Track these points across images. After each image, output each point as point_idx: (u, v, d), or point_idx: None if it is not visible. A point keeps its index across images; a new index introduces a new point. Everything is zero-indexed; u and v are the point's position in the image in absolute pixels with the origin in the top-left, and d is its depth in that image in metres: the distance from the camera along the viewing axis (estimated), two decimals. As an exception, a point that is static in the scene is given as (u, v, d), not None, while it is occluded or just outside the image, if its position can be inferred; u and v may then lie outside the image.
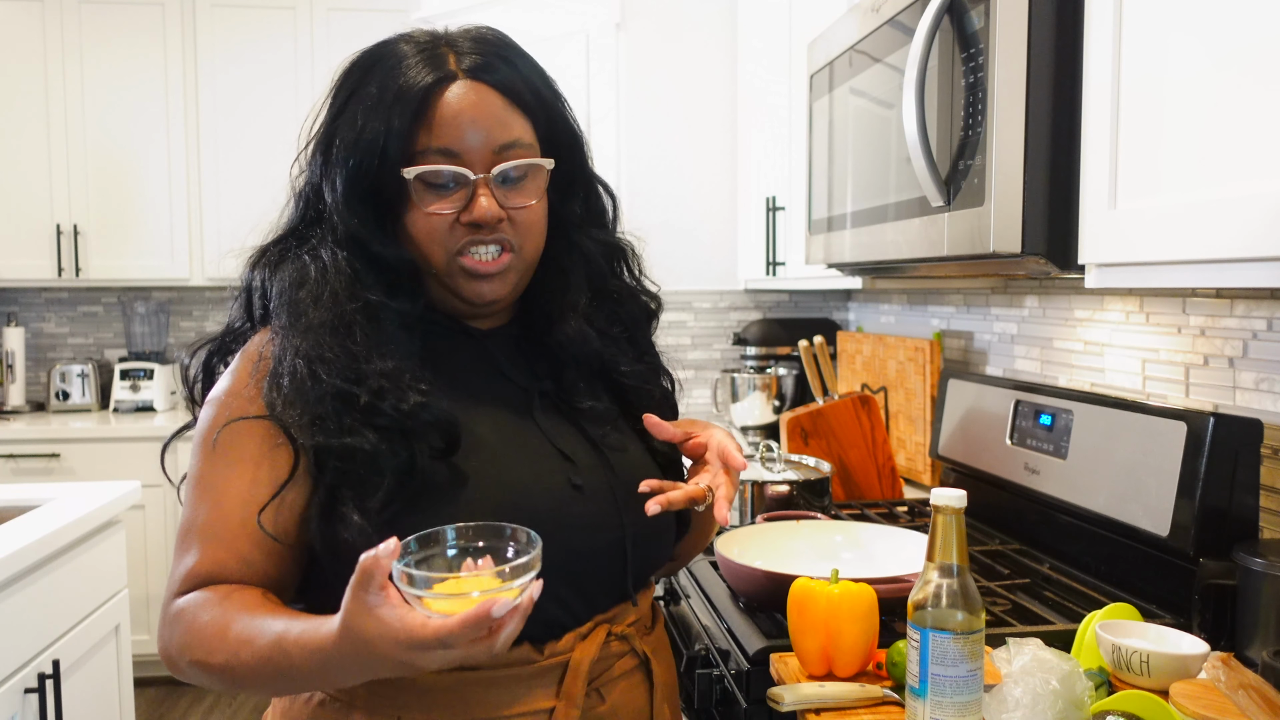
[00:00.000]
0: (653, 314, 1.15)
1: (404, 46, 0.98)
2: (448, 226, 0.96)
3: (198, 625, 0.86)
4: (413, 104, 0.94)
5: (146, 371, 3.72)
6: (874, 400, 2.24)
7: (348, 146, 0.96)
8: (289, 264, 0.97)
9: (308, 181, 1.01)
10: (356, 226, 0.96)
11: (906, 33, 1.46)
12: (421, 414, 0.90)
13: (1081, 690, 0.96)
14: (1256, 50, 0.90)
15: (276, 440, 0.90)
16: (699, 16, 3.33)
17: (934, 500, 0.95)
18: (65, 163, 3.58)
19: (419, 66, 0.95)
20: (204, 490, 0.92)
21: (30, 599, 1.79)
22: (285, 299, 0.94)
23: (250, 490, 0.90)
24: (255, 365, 0.94)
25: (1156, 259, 1.04)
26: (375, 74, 0.96)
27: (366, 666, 0.77)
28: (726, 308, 3.41)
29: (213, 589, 0.89)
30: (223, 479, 0.91)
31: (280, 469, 0.90)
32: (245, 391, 0.93)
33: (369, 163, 0.95)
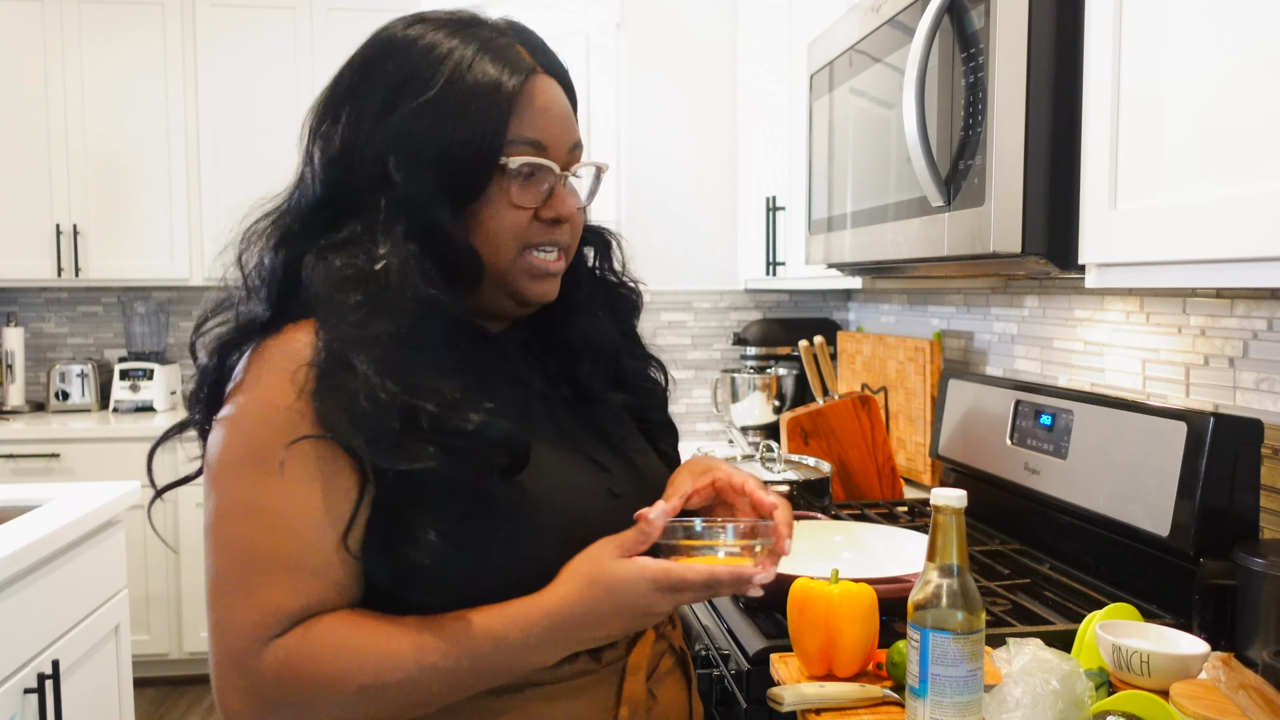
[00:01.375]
0: (638, 306, 1.13)
1: (485, 31, 0.92)
2: (526, 221, 0.92)
3: (347, 650, 0.80)
4: (509, 92, 0.89)
5: (146, 371, 3.72)
6: (874, 400, 2.24)
7: (438, 133, 0.87)
8: (338, 253, 0.85)
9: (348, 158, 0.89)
10: (436, 217, 0.88)
11: (906, 33, 1.46)
12: (488, 432, 0.83)
13: (1081, 690, 0.96)
14: (1256, 50, 0.90)
15: (339, 459, 0.82)
16: (699, 16, 3.33)
17: (934, 500, 0.95)
18: (65, 163, 3.58)
19: (505, 54, 0.91)
20: (268, 517, 0.81)
21: (30, 599, 1.79)
22: (341, 298, 0.83)
23: (329, 514, 0.82)
24: (294, 373, 0.82)
25: (1156, 259, 1.04)
26: (450, 57, 0.89)
27: (601, 619, 0.83)
28: (726, 308, 3.41)
29: (327, 616, 0.82)
30: (291, 503, 0.81)
31: (350, 489, 0.83)
32: (290, 403, 0.82)
33: (462, 150, 0.88)
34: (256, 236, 0.91)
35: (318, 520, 0.82)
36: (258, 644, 0.80)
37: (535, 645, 0.83)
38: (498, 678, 0.85)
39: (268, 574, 0.81)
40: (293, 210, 0.91)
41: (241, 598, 0.80)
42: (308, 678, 0.79)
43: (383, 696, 0.80)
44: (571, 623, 0.83)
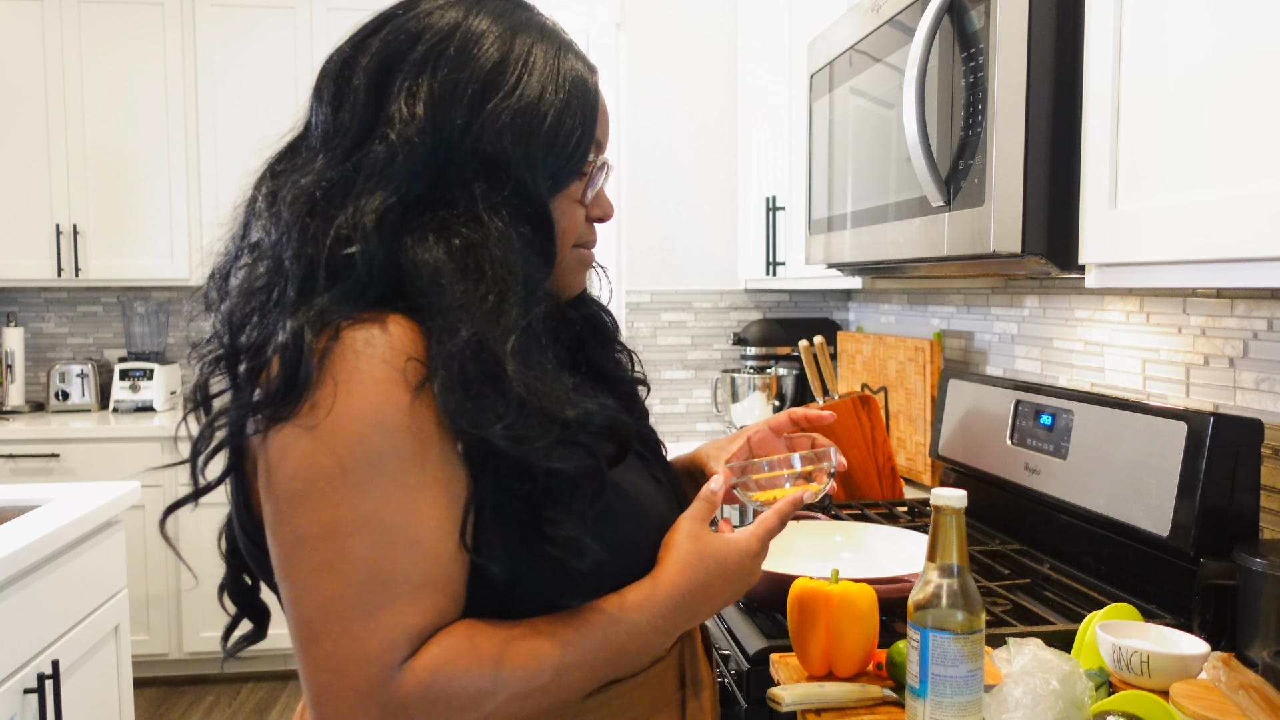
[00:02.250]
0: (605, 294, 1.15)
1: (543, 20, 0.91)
2: (581, 217, 0.93)
3: (492, 660, 0.75)
4: (595, 90, 0.91)
5: (146, 371, 3.72)
6: (874, 400, 2.24)
7: (553, 123, 0.85)
8: (451, 238, 0.79)
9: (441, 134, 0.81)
10: (544, 205, 0.85)
11: (906, 33, 1.46)
12: (597, 420, 0.80)
13: (1082, 690, 0.96)
14: (1257, 50, 0.90)
15: (454, 461, 0.76)
16: (699, 16, 3.33)
17: (934, 500, 0.95)
18: (65, 163, 3.58)
19: (575, 50, 0.91)
20: (388, 532, 0.73)
21: (30, 599, 1.78)
22: (467, 286, 0.76)
23: (451, 520, 0.76)
24: (404, 369, 0.74)
25: (1157, 259, 1.04)
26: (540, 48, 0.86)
27: (714, 592, 0.87)
28: (726, 308, 3.41)
29: (458, 627, 0.76)
30: (413, 514, 0.74)
31: (461, 486, 0.77)
32: (406, 403, 0.74)
33: (565, 144, 0.86)
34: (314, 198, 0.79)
35: (440, 529, 0.75)
36: (392, 671, 0.72)
37: (662, 626, 0.84)
38: (626, 665, 0.85)
39: (391, 594, 0.73)
40: (371, 176, 0.79)
41: (364, 624, 0.72)
42: (458, 695, 0.73)
43: (531, 701, 0.77)
44: (691, 600, 0.86)
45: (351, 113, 0.82)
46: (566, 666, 0.78)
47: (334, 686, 0.72)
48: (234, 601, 0.93)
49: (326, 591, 0.72)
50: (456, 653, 0.74)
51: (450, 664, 0.73)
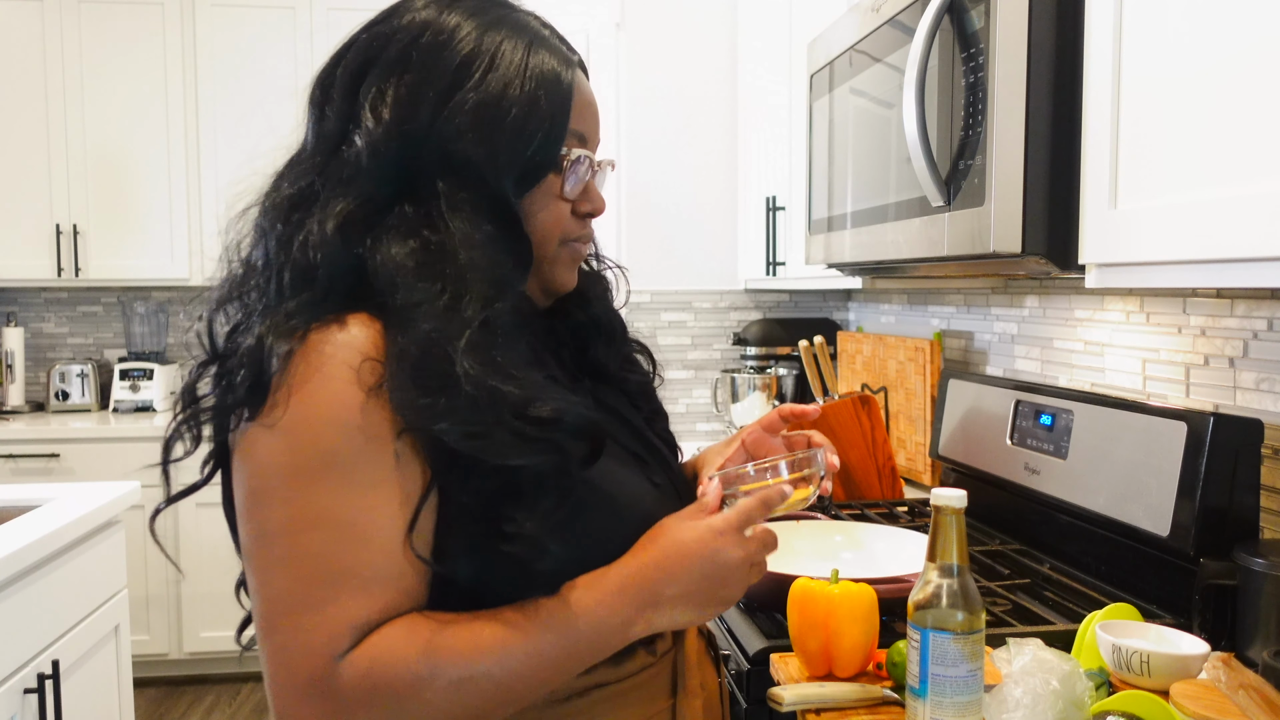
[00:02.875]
0: (612, 288, 1.12)
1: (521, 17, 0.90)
2: (568, 213, 0.92)
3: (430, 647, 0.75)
4: (567, 84, 0.88)
5: (146, 371, 3.72)
6: (874, 400, 2.24)
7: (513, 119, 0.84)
8: (410, 238, 0.80)
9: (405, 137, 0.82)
10: (508, 202, 0.85)
11: (906, 33, 1.46)
12: (567, 419, 0.80)
13: (1082, 690, 0.96)
14: (1257, 50, 0.90)
15: (412, 460, 0.77)
16: (699, 16, 3.33)
17: (934, 500, 0.95)
18: (65, 162, 3.58)
19: (553, 45, 0.90)
20: (340, 528, 0.75)
21: (30, 599, 1.78)
22: (421, 284, 0.78)
23: (399, 514, 0.77)
24: (359, 369, 0.76)
25: (1157, 259, 1.04)
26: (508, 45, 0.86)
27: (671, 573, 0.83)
28: (726, 308, 3.41)
29: (400, 619, 0.77)
30: (365, 510, 0.75)
31: (416, 485, 0.78)
32: (361, 402, 0.75)
33: (532, 139, 0.85)
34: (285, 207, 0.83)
35: (391, 525, 0.76)
36: (332, 662, 0.73)
37: (615, 607, 0.81)
38: (585, 652, 0.81)
39: (340, 588, 0.74)
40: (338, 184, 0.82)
41: (310, 617, 0.74)
42: (395, 684, 0.74)
43: (475, 687, 0.76)
44: (644, 579, 0.83)
45: (331, 121, 0.85)
46: (510, 650, 0.77)
47: (280, 676, 0.74)
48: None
49: (281, 585, 0.75)
50: (395, 641, 0.75)
51: (388, 652, 0.74)
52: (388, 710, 0.74)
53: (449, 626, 0.77)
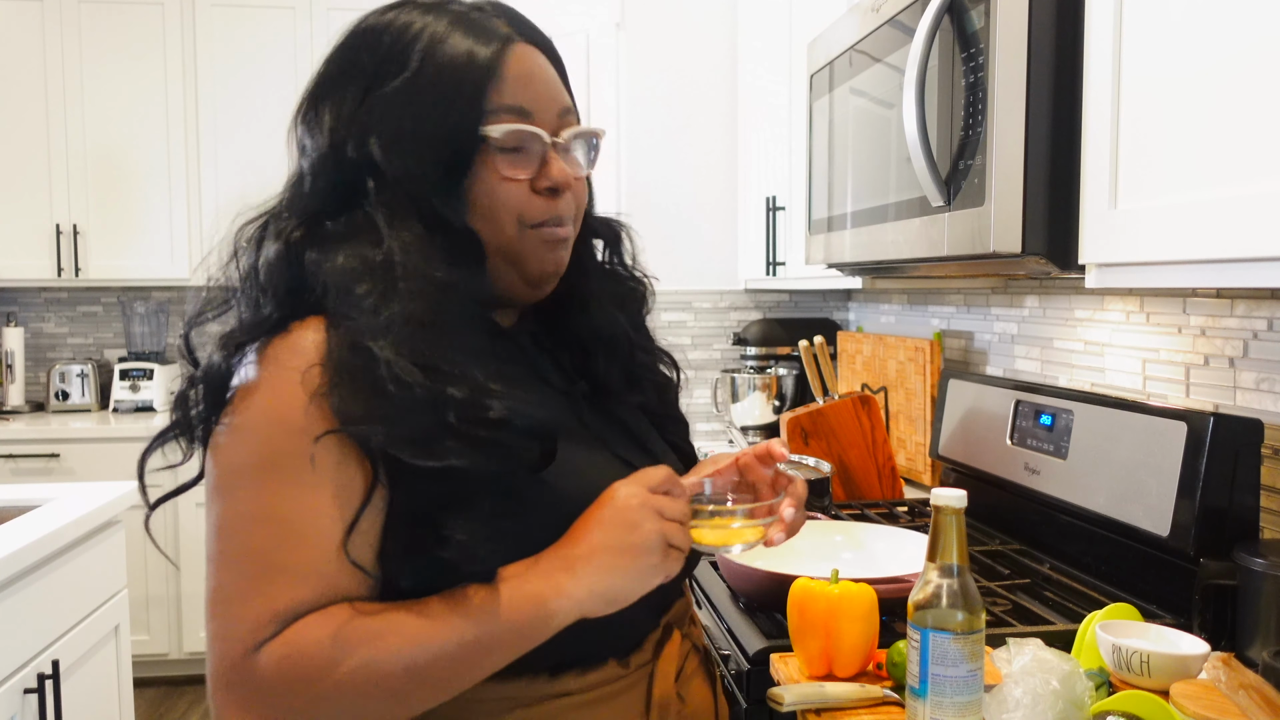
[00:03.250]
0: (646, 299, 1.10)
1: (454, 6, 0.90)
2: (524, 193, 0.89)
3: (343, 633, 0.76)
4: (484, 61, 0.87)
5: (146, 371, 3.72)
6: (874, 400, 2.24)
7: (417, 111, 0.85)
8: (341, 245, 0.82)
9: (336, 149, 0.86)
10: (431, 197, 0.85)
11: (906, 33, 1.46)
12: (516, 421, 0.79)
13: (1082, 690, 0.96)
14: (1257, 50, 0.90)
15: (353, 462, 0.78)
16: (699, 16, 3.33)
17: (934, 500, 0.95)
18: (65, 163, 3.58)
19: (479, 26, 0.89)
20: (279, 525, 0.78)
21: (30, 599, 1.78)
22: (351, 289, 0.80)
23: (339, 515, 0.78)
24: (305, 373, 0.78)
25: (1157, 259, 1.04)
26: (423, 35, 0.88)
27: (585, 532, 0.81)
28: (726, 308, 3.41)
29: (319, 611, 0.77)
30: (303, 509, 0.78)
31: (357, 491, 0.79)
32: (304, 405, 0.78)
33: (441, 126, 0.85)
34: (251, 236, 0.88)
35: (330, 525, 0.78)
36: (251, 652, 0.76)
37: (524, 577, 0.79)
38: (499, 633, 0.78)
39: (272, 582, 0.77)
40: (288, 207, 0.88)
41: (240, 607, 0.77)
42: (306, 667, 0.75)
43: (385, 668, 0.76)
44: (556, 546, 0.81)
45: (298, 152, 0.90)
46: (422, 632, 0.77)
47: (210, 664, 0.78)
48: None
49: (221, 577, 0.79)
50: (310, 627, 0.76)
51: (302, 638, 0.76)
52: (301, 694, 0.75)
53: (365, 613, 0.78)
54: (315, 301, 0.82)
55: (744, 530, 0.88)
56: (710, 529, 0.87)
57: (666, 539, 0.81)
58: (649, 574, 0.81)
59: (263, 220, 0.89)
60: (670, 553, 0.82)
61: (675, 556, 0.82)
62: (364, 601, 0.79)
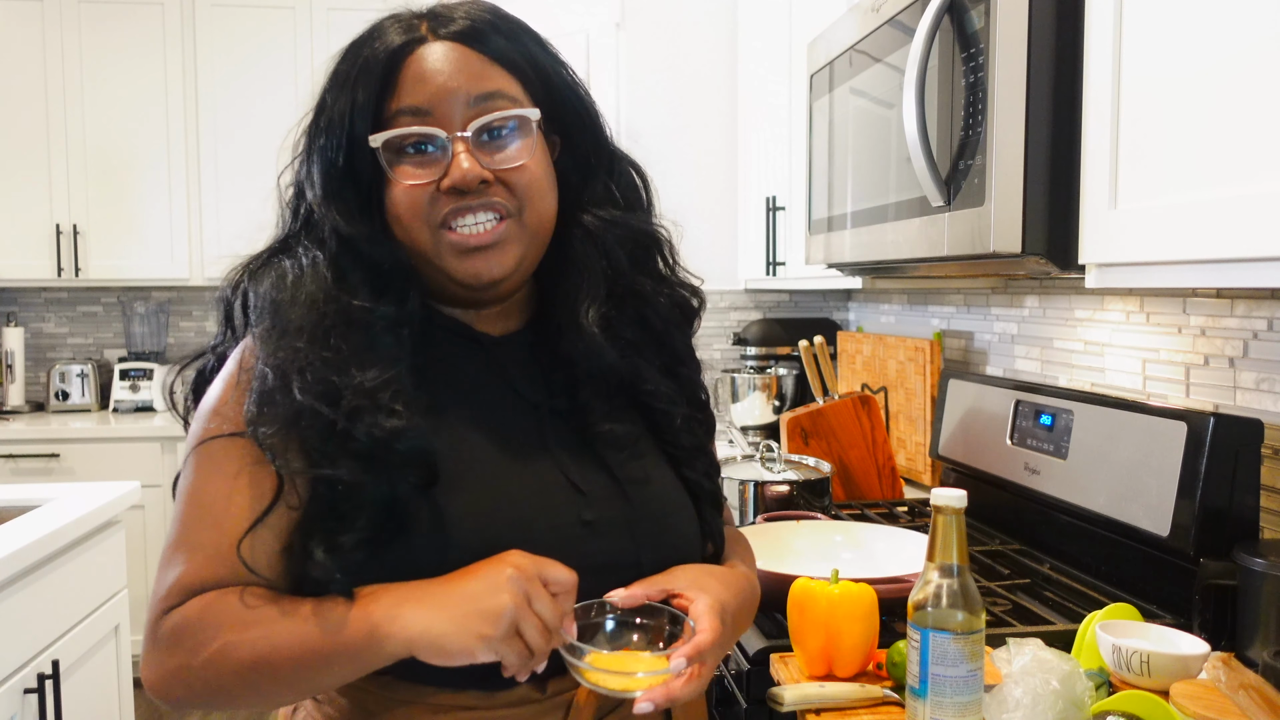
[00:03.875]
0: (692, 313, 1.05)
1: (384, 21, 0.91)
2: (428, 198, 0.86)
3: (222, 606, 0.80)
4: (378, 69, 0.86)
5: (146, 372, 3.72)
6: (874, 400, 2.24)
7: (319, 130, 0.89)
8: (270, 270, 0.89)
9: (292, 185, 0.94)
10: (335, 219, 0.87)
11: (906, 33, 1.46)
12: (396, 442, 0.80)
13: (1082, 690, 0.96)
14: (1257, 51, 0.90)
15: (258, 459, 0.83)
16: (699, 16, 3.33)
17: (934, 500, 0.95)
18: (65, 163, 3.58)
19: (390, 34, 0.88)
20: (196, 504, 0.84)
21: (30, 599, 1.78)
22: (264, 305, 0.86)
23: (249, 507, 0.83)
24: (239, 375, 0.86)
25: (1157, 259, 1.04)
26: (349, 53, 0.90)
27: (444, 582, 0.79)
28: (726, 308, 3.41)
29: (220, 590, 0.82)
30: (220, 494, 0.83)
31: (266, 491, 0.83)
32: (229, 404, 0.86)
33: (337, 141, 0.87)
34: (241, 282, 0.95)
35: (240, 515, 0.83)
36: (162, 615, 0.82)
37: (375, 597, 0.79)
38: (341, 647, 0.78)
39: (187, 555, 0.83)
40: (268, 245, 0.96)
41: (164, 572, 0.84)
42: (189, 639, 0.80)
43: (240, 655, 0.79)
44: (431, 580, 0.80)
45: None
46: (281, 627, 0.79)
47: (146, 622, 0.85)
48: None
49: (167, 542, 0.86)
50: (201, 602, 0.81)
51: (191, 611, 0.81)
52: (183, 662, 0.80)
53: (249, 601, 0.81)
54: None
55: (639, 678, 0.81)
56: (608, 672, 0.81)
57: (518, 625, 0.76)
58: (480, 642, 0.76)
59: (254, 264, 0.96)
60: (514, 640, 0.77)
61: (519, 648, 0.77)
62: (260, 588, 0.83)
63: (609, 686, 0.81)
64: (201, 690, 0.81)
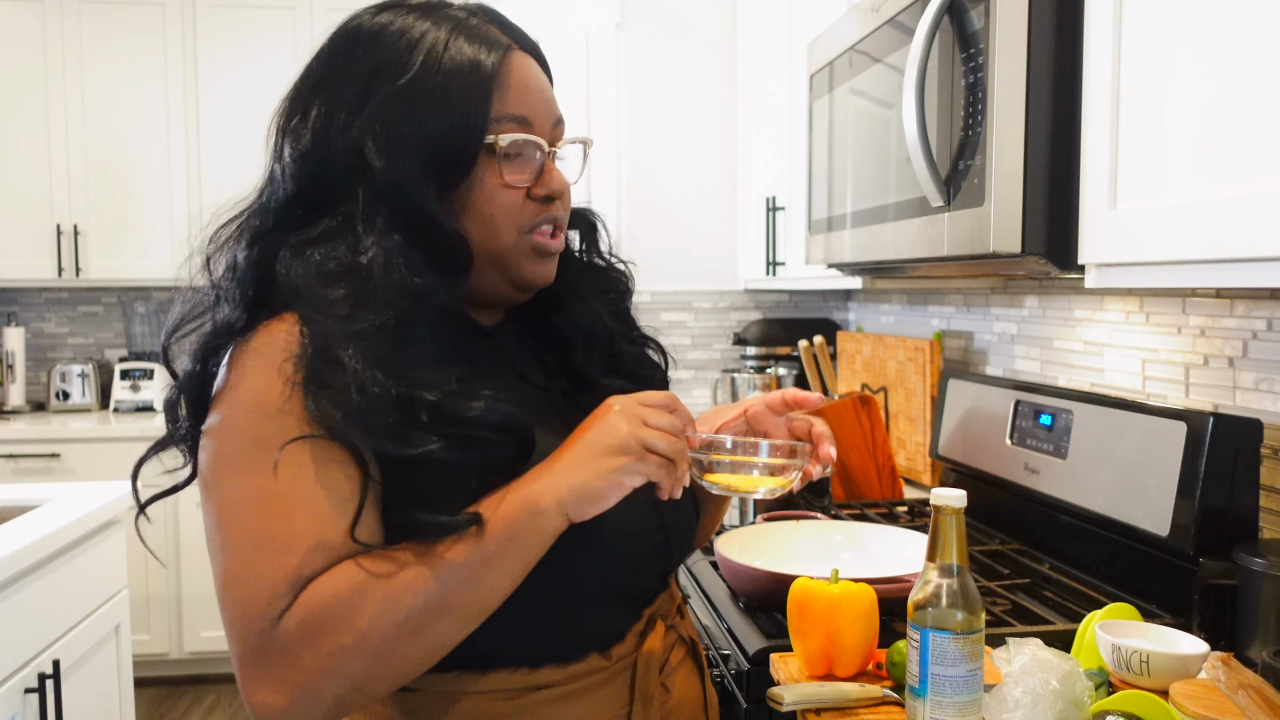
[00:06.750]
0: (628, 287, 1.11)
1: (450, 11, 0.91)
2: (521, 200, 0.90)
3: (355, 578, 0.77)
4: (488, 70, 0.87)
5: (146, 371, 3.72)
6: (874, 400, 2.24)
7: (418, 115, 0.86)
8: (317, 247, 0.83)
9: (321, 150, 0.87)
10: (422, 203, 0.85)
11: (906, 33, 1.46)
12: (490, 418, 0.82)
13: (1081, 690, 0.96)
14: (1257, 50, 0.90)
15: (337, 451, 0.80)
16: (699, 16, 3.33)
17: (934, 500, 0.95)
18: (65, 163, 3.58)
19: (479, 33, 0.89)
20: (274, 503, 0.79)
21: (30, 599, 1.79)
22: (323, 292, 0.81)
23: (332, 499, 0.80)
24: (281, 365, 0.80)
25: (1156, 259, 1.04)
26: (425, 40, 0.88)
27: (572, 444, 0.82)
28: (726, 308, 3.41)
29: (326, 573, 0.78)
30: (297, 483, 0.79)
31: (353, 477, 0.80)
32: (282, 392, 0.80)
33: (445, 132, 0.86)
34: (226, 239, 0.89)
35: (329, 499, 0.79)
36: (274, 622, 0.76)
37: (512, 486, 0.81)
38: (501, 540, 0.79)
39: (278, 552, 0.78)
40: (263, 209, 0.89)
41: (251, 585, 0.78)
42: (328, 618, 0.76)
43: (403, 605, 0.77)
44: (550, 461, 0.82)
45: (270, 155, 0.91)
46: (428, 560, 0.78)
47: (235, 649, 0.78)
48: None
49: (226, 564, 0.79)
50: (324, 582, 0.77)
51: (319, 593, 0.77)
52: (327, 649, 0.76)
53: (369, 561, 0.79)
54: (285, 303, 0.83)
55: (765, 477, 0.91)
56: (732, 473, 0.89)
57: (644, 442, 0.81)
58: (621, 474, 0.80)
59: (237, 221, 0.90)
60: (649, 456, 0.81)
61: (658, 461, 0.81)
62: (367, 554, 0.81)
63: (740, 488, 0.91)
64: (361, 669, 0.77)
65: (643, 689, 0.92)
